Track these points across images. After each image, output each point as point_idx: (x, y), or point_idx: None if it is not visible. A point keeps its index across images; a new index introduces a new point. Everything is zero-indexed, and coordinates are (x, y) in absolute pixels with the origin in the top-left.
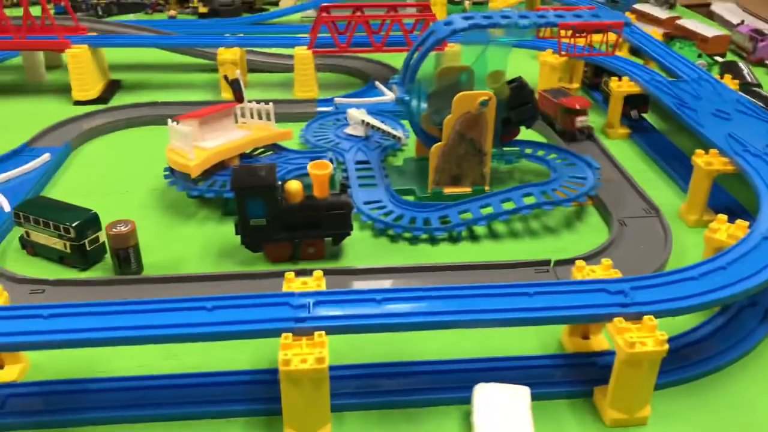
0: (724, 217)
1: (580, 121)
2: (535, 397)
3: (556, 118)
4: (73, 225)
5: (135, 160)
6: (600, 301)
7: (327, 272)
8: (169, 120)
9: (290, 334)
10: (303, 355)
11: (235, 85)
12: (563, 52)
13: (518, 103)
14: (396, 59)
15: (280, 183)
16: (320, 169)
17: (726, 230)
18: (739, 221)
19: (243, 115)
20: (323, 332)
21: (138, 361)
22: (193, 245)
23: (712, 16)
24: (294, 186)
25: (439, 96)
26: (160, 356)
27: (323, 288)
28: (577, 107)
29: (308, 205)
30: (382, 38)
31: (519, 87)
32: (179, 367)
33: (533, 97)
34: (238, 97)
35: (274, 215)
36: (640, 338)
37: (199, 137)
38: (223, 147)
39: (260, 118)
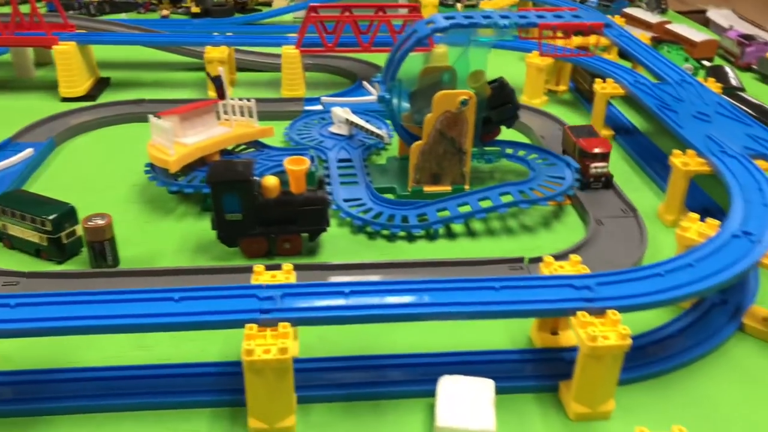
0: (695, 215)
1: (596, 167)
2: (500, 391)
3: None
4: (50, 218)
5: (119, 156)
6: (565, 296)
7: (302, 267)
8: (150, 116)
9: (255, 325)
10: (266, 346)
11: (217, 82)
12: (544, 53)
13: (499, 102)
14: (383, 59)
15: (256, 178)
16: (296, 165)
17: (697, 228)
18: (710, 220)
19: (225, 112)
20: (288, 323)
21: (108, 352)
22: (170, 240)
23: (707, 22)
24: (271, 181)
25: (421, 95)
26: (130, 347)
27: (293, 281)
28: (595, 151)
29: (284, 200)
30: (370, 38)
31: (500, 87)
32: (149, 358)
33: (514, 96)
34: (220, 94)
35: (250, 210)
36: (603, 332)
37: (180, 133)
38: (203, 143)
39: (242, 115)
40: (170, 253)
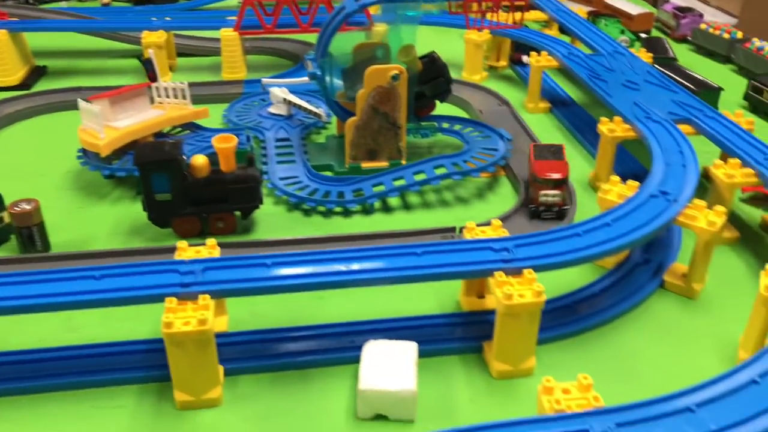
0: (616, 178)
1: (545, 195)
2: (427, 353)
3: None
4: None
5: (53, 144)
6: (484, 258)
7: (236, 245)
8: (79, 99)
9: (174, 299)
10: (187, 318)
11: (147, 65)
12: (471, 27)
13: (430, 76)
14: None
15: (185, 157)
16: (224, 143)
17: (618, 191)
18: (630, 182)
19: (159, 95)
20: (207, 295)
21: (37, 336)
22: (103, 224)
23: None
24: (199, 160)
25: (354, 71)
26: (60, 330)
27: (216, 256)
28: (548, 176)
29: (214, 178)
30: (309, 18)
31: (430, 61)
32: (79, 340)
33: (446, 70)
34: (151, 77)
35: (180, 190)
36: (519, 291)
37: (111, 117)
38: (135, 126)
39: (176, 97)
40: (103, 237)
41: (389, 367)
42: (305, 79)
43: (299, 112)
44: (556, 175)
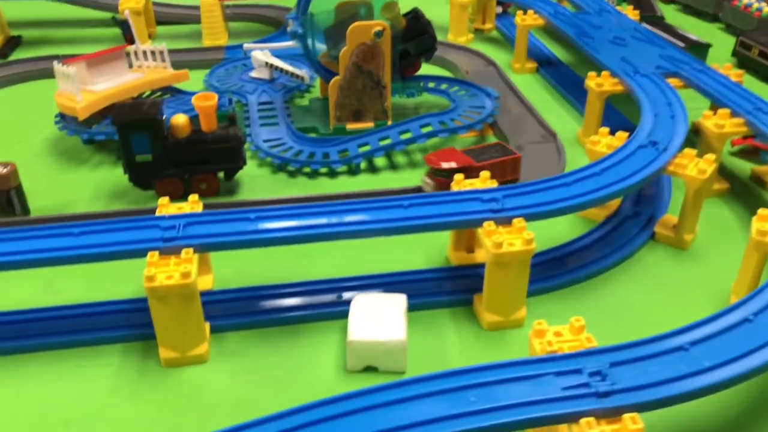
0: (605, 129)
1: (425, 182)
2: (416, 307)
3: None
4: None
5: (30, 112)
6: (472, 209)
7: (219, 206)
8: (55, 62)
9: (156, 253)
10: (169, 272)
11: (124, 26)
12: None
13: (414, 33)
14: None
15: (165, 117)
16: (205, 101)
17: (606, 142)
18: (619, 133)
19: (137, 58)
20: (190, 249)
21: (19, 298)
22: (84, 189)
23: None
24: (179, 119)
25: (337, 30)
26: (41, 292)
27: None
28: (439, 166)
29: (195, 138)
30: None
31: (414, 17)
32: (61, 302)
33: (430, 27)
34: (128, 38)
35: (160, 151)
36: (509, 240)
37: (89, 80)
38: (113, 90)
39: (155, 60)
40: (84, 201)
41: (378, 318)
42: (288, 43)
43: (282, 76)
44: (447, 165)
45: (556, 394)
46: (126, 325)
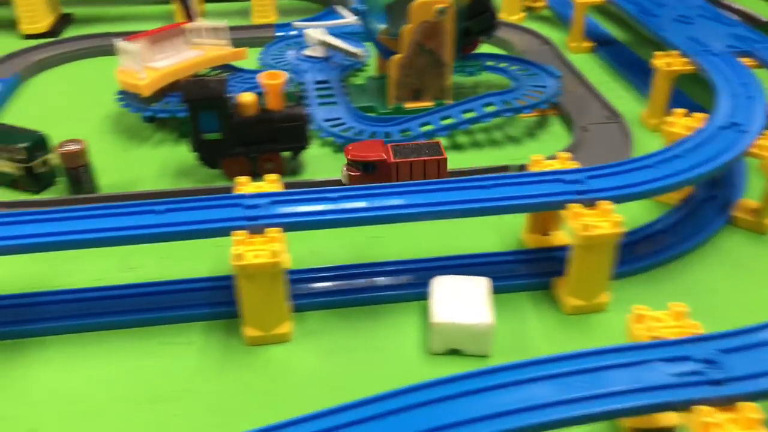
0: (681, 110)
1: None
2: (494, 290)
3: None
4: (23, 147)
5: (88, 89)
6: (556, 190)
7: (288, 186)
8: (117, 40)
9: (243, 232)
10: (257, 251)
11: (184, 3)
12: None
13: (476, 11)
14: None
15: (232, 95)
16: (273, 79)
17: (684, 123)
18: (696, 114)
19: (197, 35)
20: (279, 228)
21: (95, 275)
22: (149, 166)
23: None
24: (247, 97)
25: (399, 7)
26: (117, 269)
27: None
28: (357, 157)
29: (263, 117)
30: None
31: None
32: (137, 279)
33: (491, 4)
34: (188, 15)
35: (228, 129)
36: (596, 222)
37: (149, 57)
38: (174, 67)
39: (214, 38)
40: (150, 179)
41: (463, 301)
42: (339, 21)
43: (336, 54)
44: (358, 157)
45: (665, 381)
46: (206, 303)
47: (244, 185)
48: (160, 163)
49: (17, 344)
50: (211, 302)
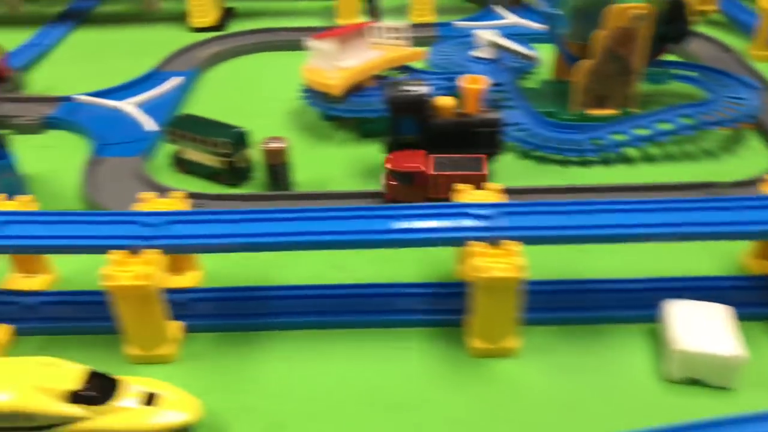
0: None
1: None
2: None
3: None
4: (228, 141)
5: (263, 84)
6: None
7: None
8: (307, 39)
9: (482, 243)
10: (497, 263)
11: (372, 4)
12: None
13: (670, 18)
14: None
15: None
16: (474, 83)
17: None
18: None
19: (377, 35)
20: (515, 241)
21: (309, 272)
22: (336, 165)
23: None
24: (447, 101)
25: (588, 12)
26: (329, 267)
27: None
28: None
29: (461, 121)
30: None
31: (675, 1)
32: (349, 279)
33: (685, 11)
34: (374, 14)
35: (426, 131)
36: None
37: (338, 57)
38: (360, 67)
39: (394, 38)
40: (339, 178)
41: (706, 328)
42: (502, 22)
43: (506, 56)
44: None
45: None
46: (427, 309)
47: (465, 192)
48: (347, 163)
49: (248, 337)
50: (433, 309)
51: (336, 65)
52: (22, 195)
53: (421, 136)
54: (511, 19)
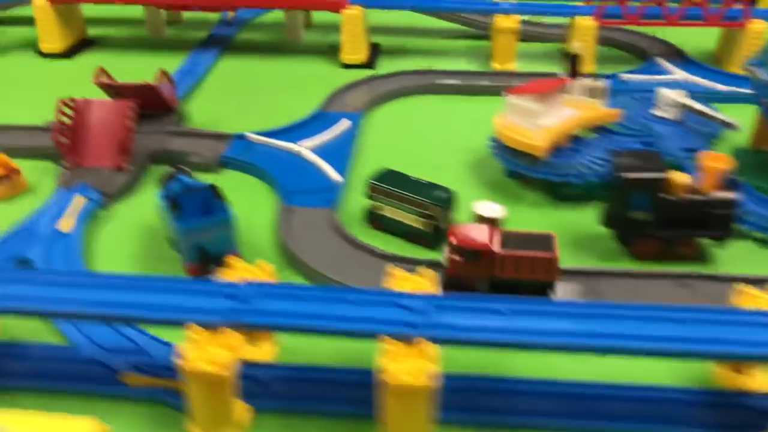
0: None
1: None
2: None
3: None
4: (438, 203)
5: (431, 131)
6: None
7: (703, 278)
8: (507, 94)
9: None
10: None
11: (572, 60)
12: None
13: None
14: (681, 36)
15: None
16: (716, 162)
17: None
18: None
19: (573, 93)
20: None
21: (539, 359)
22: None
23: None
24: (681, 178)
25: None
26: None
27: None
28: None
29: (695, 200)
30: (678, 10)
31: None
32: (587, 371)
33: None
34: (574, 73)
35: (658, 209)
36: None
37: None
38: (558, 126)
39: (590, 96)
40: None
41: None
42: (671, 77)
43: (692, 117)
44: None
45: None
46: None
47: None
48: (551, 229)
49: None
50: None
51: (539, 124)
52: (233, 252)
53: (654, 213)
54: (678, 74)
